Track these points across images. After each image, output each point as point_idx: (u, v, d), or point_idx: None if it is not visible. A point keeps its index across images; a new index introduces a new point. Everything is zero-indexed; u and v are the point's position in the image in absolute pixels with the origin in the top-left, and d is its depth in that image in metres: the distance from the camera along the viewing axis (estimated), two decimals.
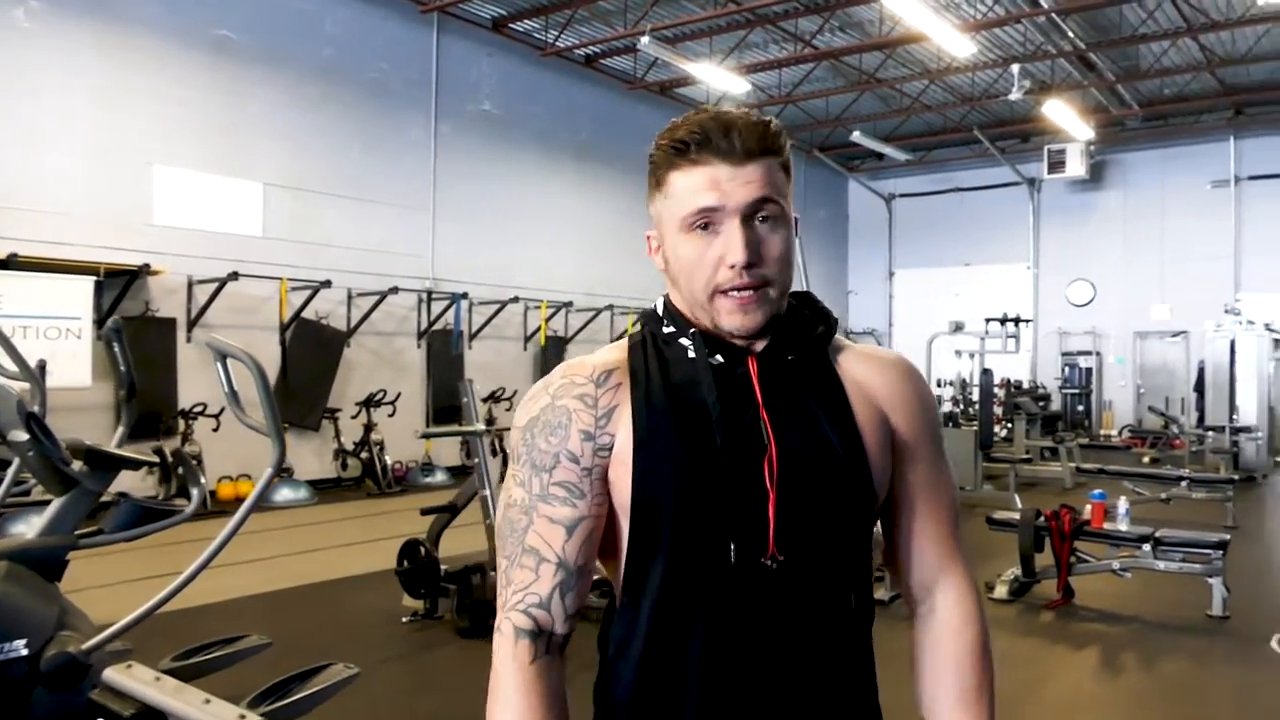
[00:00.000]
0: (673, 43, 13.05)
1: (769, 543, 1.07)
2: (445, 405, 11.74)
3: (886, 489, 1.17)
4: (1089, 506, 5.96)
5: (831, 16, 12.73)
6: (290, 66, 10.70)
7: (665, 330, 1.18)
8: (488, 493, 5.37)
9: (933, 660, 1.20)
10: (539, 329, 13.47)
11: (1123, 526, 5.82)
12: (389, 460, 10.78)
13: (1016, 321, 11.97)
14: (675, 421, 1.09)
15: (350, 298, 11.09)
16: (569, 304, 13.84)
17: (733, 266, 1.08)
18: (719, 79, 13.45)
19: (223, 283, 9.50)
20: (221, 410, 8.93)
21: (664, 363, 1.15)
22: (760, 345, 1.15)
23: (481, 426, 5.47)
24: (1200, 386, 14.55)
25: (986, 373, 9.92)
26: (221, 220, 10.05)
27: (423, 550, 5.35)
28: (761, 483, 1.07)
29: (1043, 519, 5.85)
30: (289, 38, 10.71)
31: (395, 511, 8.92)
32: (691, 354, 1.14)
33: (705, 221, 1.10)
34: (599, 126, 14.71)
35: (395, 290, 11.28)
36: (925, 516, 1.21)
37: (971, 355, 13.10)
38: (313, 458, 10.71)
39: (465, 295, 12.10)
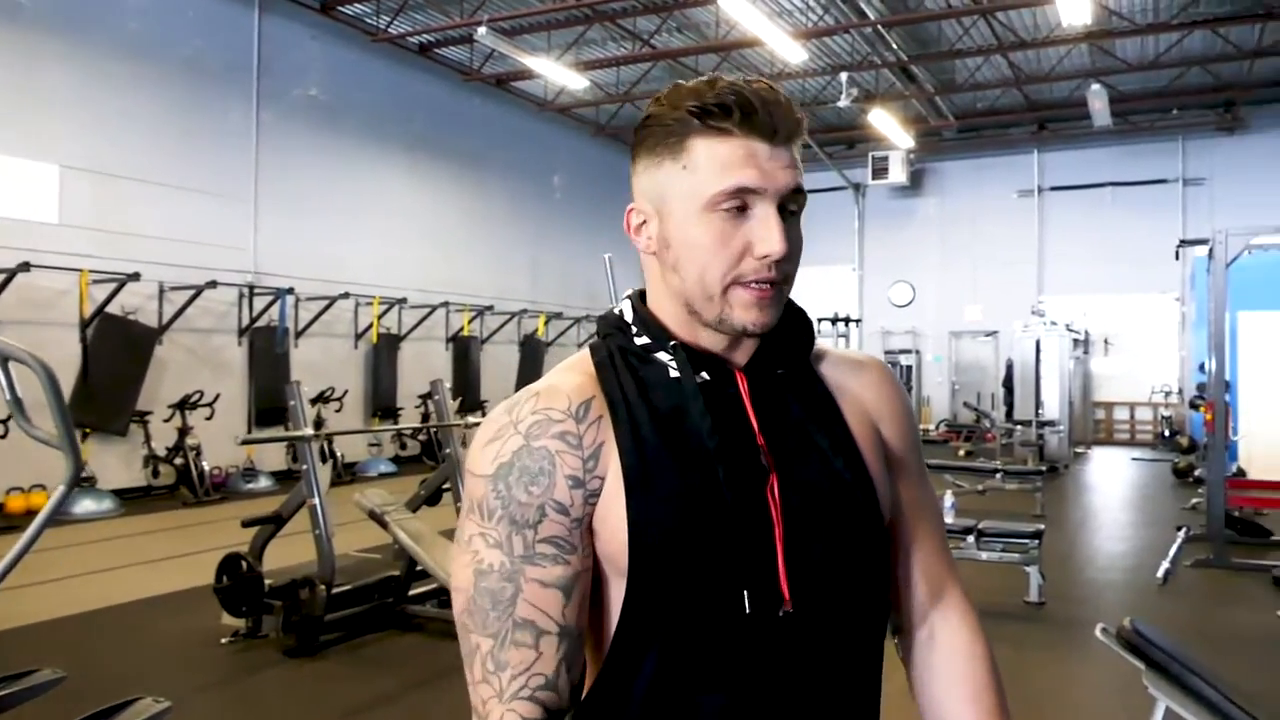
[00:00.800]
0: (510, 35, 12.81)
1: (781, 588, 0.94)
2: (270, 406, 11.08)
3: (889, 513, 1.06)
4: None
5: (669, 17, 12.82)
6: (92, 39, 9.83)
7: (637, 342, 1.01)
8: (316, 501, 5.06)
9: (946, 684, 1.11)
10: (371, 326, 12.96)
11: (949, 519, 6.06)
12: (206, 466, 10.08)
13: (848, 321, 12.39)
14: (669, 457, 0.94)
15: (162, 292, 10.30)
16: (403, 300, 13.38)
17: (763, 257, 0.94)
18: (557, 74, 13.31)
19: (11, 274, 8.61)
20: (9, 416, 8.10)
21: (643, 385, 0.99)
22: (744, 358, 1.01)
23: (309, 431, 5.13)
24: (1009, 383, 15.50)
25: None
26: (9, 205, 9.12)
27: (244, 564, 4.98)
28: (767, 520, 0.95)
29: None
30: (89, 7, 9.84)
31: (214, 522, 8.33)
32: (673, 372, 0.99)
33: (740, 204, 0.94)
34: (433, 118, 14.29)
35: (213, 284, 10.56)
36: (920, 536, 1.12)
37: None
38: (119, 465, 9.89)
39: (291, 290, 11.47)
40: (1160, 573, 6.32)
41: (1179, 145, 17.28)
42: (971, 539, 5.84)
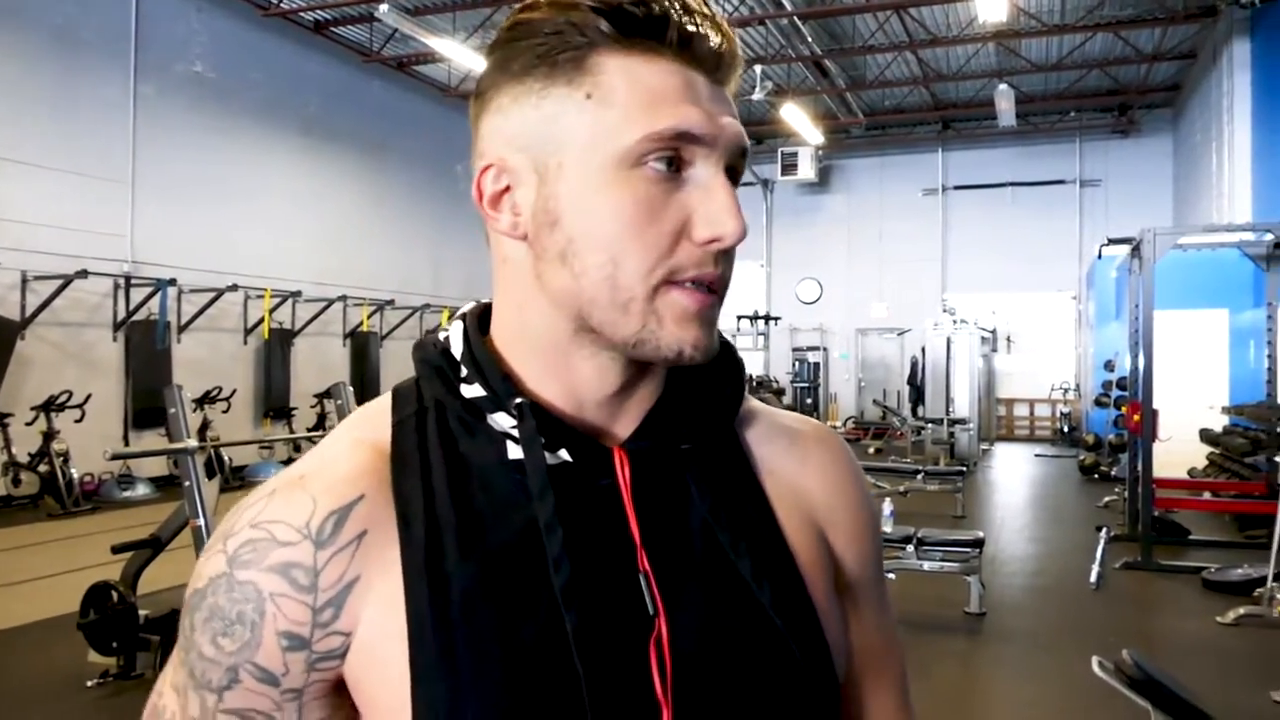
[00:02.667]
0: (414, 14, 12.16)
1: None
2: (149, 407, 10.17)
3: (845, 667, 0.73)
4: None
5: None
6: None
7: (466, 393, 0.65)
8: (201, 522, 4.48)
9: None
10: (262, 321, 12.14)
11: (888, 528, 5.82)
12: (76, 473, 9.20)
13: (767, 319, 12.20)
14: (488, 606, 0.60)
15: (25, 281, 9.36)
16: (297, 293, 12.57)
17: (710, 242, 0.61)
18: (463, 57, 12.69)
19: None
20: None
21: (459, 474, 0.64)
22: (628, 427, 0.66)
23: (193, 443, 4.54)
24: (913, 380, 15.61)
25: None
26: None
27: (115, 595, 4.37)
28: (649, 701, 0.61)
29: None
30: None
31: (84, 535, 7.56)
32: (514, 451, 0.64)
33: (675, 158, 0.61)
34: (330, 100, 13.49)
35: (84, 274, 9.64)
36: (877, 688, 0.78)
37: None
38: None
39: (173, 281, 10.59)
40: (1093, 577, 6.20)
41: (1076, 147, 17.69)
42: (911, 548, 5.60)
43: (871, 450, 14.53)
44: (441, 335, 0.69)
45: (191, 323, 11.27)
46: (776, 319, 15.75)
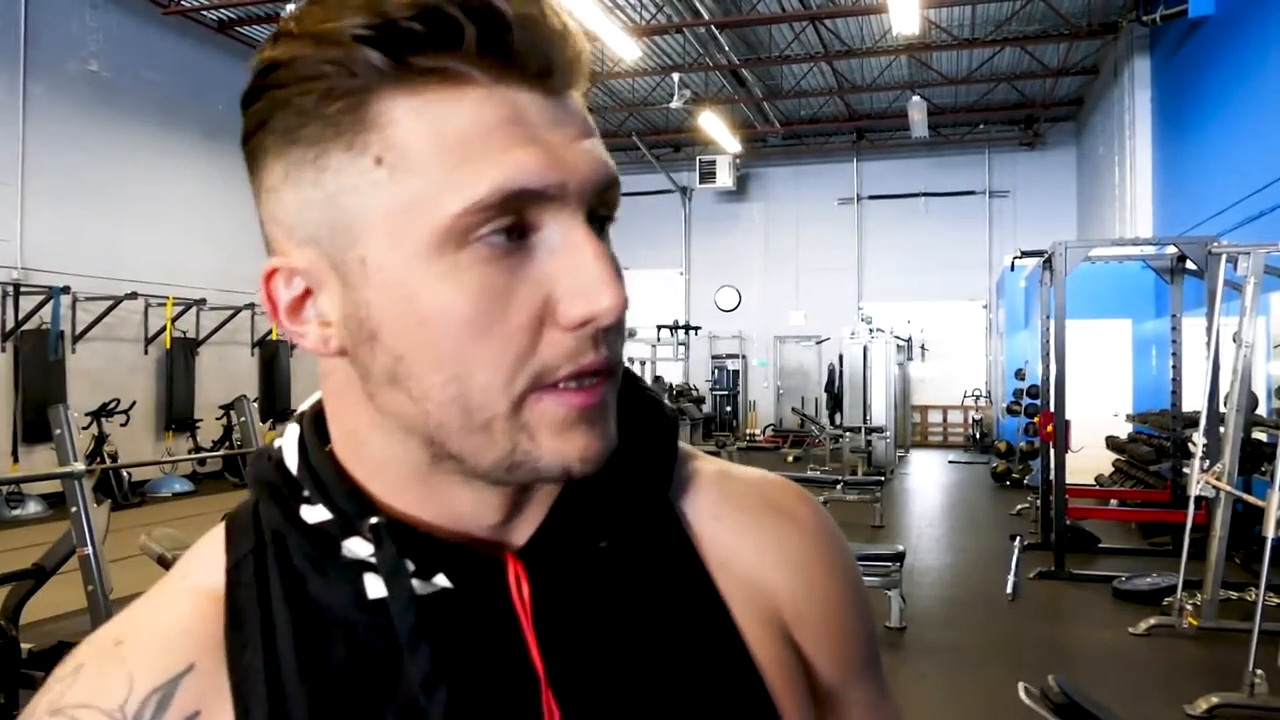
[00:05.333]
0: None
1: None
2: (40, 419, 9.68)
3: None
4: None
5: None
6: None
7: (309, 518, 0.51)
8: (90, 550, 4.20)
9: None
10: (164, 330, 11.63)
11: None
12: None
13: (686, 329, 12.16)
14: None
15: None
16: (201, 301, 12.09)
17: (582, 325, 0.46)
18: None
19: None
20: None
21: (309, 629, 0.50)
22: (528, 527, 0.52)
23: (79, 466, 4.26)
24: (831, 388, 15.77)
25: (659, 379, 9.86)
26: None
27: None
28: None
29: None
30: None
31: None
32: (373, 589, 0.50)
33: (516, 224, 0.45)
34: (235, 102, 12.45)
35: None
36: None
37: (642, 363, 13.17)
38: None
39: (67, 289, 10.10)
40: (1009, 588, 6.28)
41: (985, 158, 18.13)
42: None
43: (790, 459, 14.61)
44: (276, 444, 0.54)
45: (88, 332, 10.74)
46: (696, 329, 15.74)
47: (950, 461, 15.07)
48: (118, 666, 0.48)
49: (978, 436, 16.60)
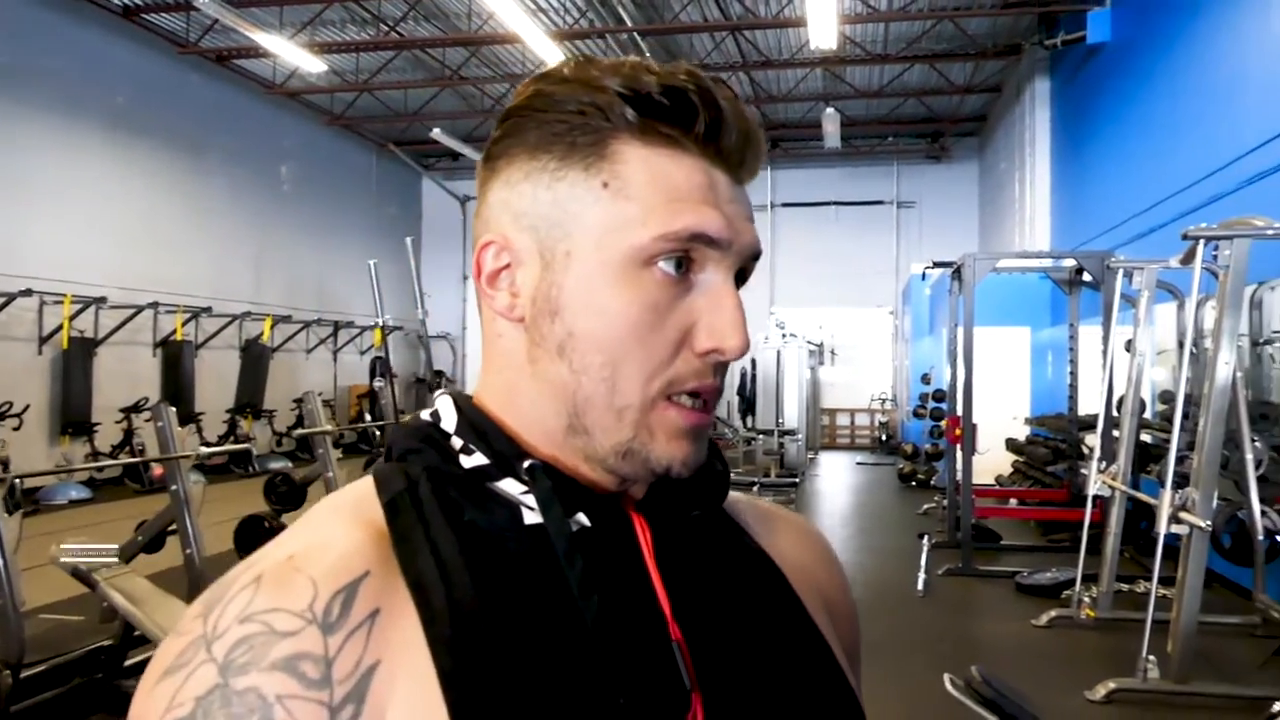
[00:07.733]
0: (237, 5, 11.51)
1: None
2: None
3: None
4: None
5: (418, 4, 12.07)
6: None
7: (465, 464, 0.60)
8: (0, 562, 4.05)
9: None
10: (60, 329, 11.18)
11: None
12: None
13: None
14: (525, 682, 0.54)
15: None
16: (101, 299, 11.65)
17: (709, 354, 0.58)
18: (290, 54, 12.13)
19: None
20: None
21: (470, 543, 0.57)
22: (639, 491, 0.62)
23: None
24: (743, 391, 16.01)
25: None
26: None
27: None
28: None
29: None
30: None
31: None
32: (530, 515, 0.59)
33: (686, 261, 0.58)
34: (141, 93, 12.59)
35: None
36: None
37: None
38: None
39: None
40: (920, 585, 6.52)
41: (894, 170, 18.70)
42: None
43: None
44: (425, 414, 0.64)
45: None
46: None
47: (858, 463, 15.48)
48: (297, 574, 0.53)
49: (884, 439, 17.09)
